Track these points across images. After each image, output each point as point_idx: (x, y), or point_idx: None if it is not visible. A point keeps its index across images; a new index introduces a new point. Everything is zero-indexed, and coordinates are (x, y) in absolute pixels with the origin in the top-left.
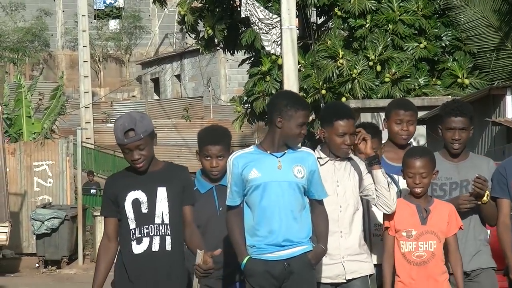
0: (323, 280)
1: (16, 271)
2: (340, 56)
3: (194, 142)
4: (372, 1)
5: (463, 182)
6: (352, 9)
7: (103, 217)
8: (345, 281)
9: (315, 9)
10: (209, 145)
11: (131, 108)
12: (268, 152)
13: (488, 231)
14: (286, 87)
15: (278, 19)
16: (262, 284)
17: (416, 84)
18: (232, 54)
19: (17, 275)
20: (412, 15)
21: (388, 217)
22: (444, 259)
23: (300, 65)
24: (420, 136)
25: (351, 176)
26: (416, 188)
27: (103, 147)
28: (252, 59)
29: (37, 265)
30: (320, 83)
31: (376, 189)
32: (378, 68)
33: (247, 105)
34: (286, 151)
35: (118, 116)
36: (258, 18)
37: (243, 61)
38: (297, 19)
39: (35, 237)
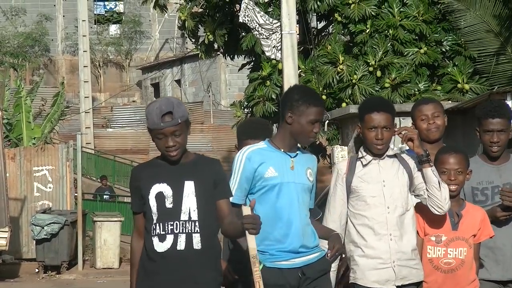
0: (371, 285)
1: (15, 277)
2: (340, 61)
3: (195, 146)
4: (372, 7)
5: (505, 186)
6: (352, 15)
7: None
8: (394, 287)
9: (315, 15)
10: (249, 139)
11: (131, 113)
12: (282, 150)
13: None
14: None
15: (278, 24)
16: None
17: (416, 90)
18: (232, 59)
19: (16, 281)
20: (413, 21)
21: (418, 218)
22: (473, 267)
23: (300, 70)
24: None
25: (399, 175)
26: (450, 186)
27: (103, 152)
28: (252, 64)
29: (36, 270)
30: (320, 88)
31: (427, 189)
32: (378, 73)
33: (247, 110)
34: (297, 151)
35: (118, 121)
36: (258, 23)
37: (243, 66)
38: (297, 24)
39: (34, 242)
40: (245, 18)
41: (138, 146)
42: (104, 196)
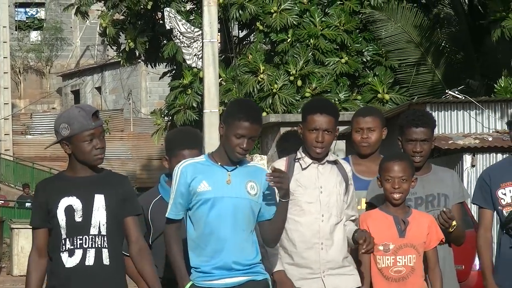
0: None
1: None
2: (261, 70)
3: (114, 155)
4: (294, 16)
5: (428, 197)
6: (274, 24)
7: (32, 229)
8: None
9: (237, 23)
10: (186, 150)
11: (51, 120)
12: (219, 164)
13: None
14: (207, 100)
15: (200, 32)
16: None
17: (336, 99)
18: (153, 66)
19: None
20: (334, 30)
21: (364, 228)
22: (424, 275)
23: (221, 79)
24: (339, 151)
25: (337, 183)
26: (395, 194)
27: (22, 159)
28: (174, 72)
29: None
30: (241, 97)
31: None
32: (299, 83)
33: (167, 118)
34: (237, 165)
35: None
36: (179, 32)
37: (164, 74)
38: (219, 32)
39: None
40: (170, 25)
41: (57, 153)
42: (26, 204)
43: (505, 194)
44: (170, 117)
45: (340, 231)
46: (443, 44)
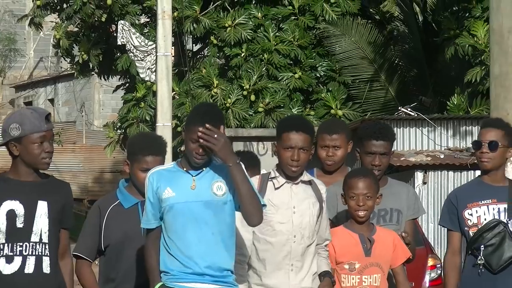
0: None
1: None
2: (215, 85)
3: (66, 167)
4: (248, 30)
5: (380, 212)
6: (228, 38)
7: None
8: None
9: (191, 37)
10: (150, 156)
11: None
12: (184, 169)
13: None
14: (160, 114)
15: (154, 46)
16: None
17: (289, 114)
18: (106, 79)
19: None
20: (288, 45)
21: (329, 247)
22: None
23: (174, 92)
24: None
25: (310, 204)
26: (359, 211)
27: None
28: (127, 85)
29: None
30: None
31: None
32: (252, 97)
33: (120, 131)
34: (205, 168)
35: None
36: (133, 45)
37: (118, 87)
38: (173, 46)
39: None
40: (122, 39)
41: (8, 164)
42: None
43: (471, 215)
44: (123, 130)
45: (311, 253)
46: (396, 61)
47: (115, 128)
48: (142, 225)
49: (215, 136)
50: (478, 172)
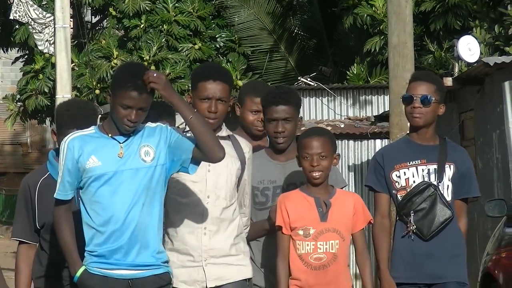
0: (178, 285)
1: None
2: (115, 56)
3: None
4: (147, 2)
5: (289, 186)
6: (127, 9)
7: None
8: None
9: (90, 8)
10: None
11: None
12: (110, 135)
13: None
14: (59, 86)
15: (52, 18)
16: None
17: (190, 85)
18: (5, 51)
19: None
20: (187, 16)
21: (281, 212)
22: (348, 263)
23: (73, 64)
24: None
25: (229, 161)
26: (313, 172)
27: None
28: (26, 57)
29: None
30: (94, 82)
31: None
32: (153, 68)
33: (20, 103)
34: (132, 133)
35: None
36: (31, 18)
37: (17, 58)
38: (72, 18)
39: None
40: (17, 14)
41: None
42: None
43: (399, 177)
44: (22, 102)
45: (229, 216)
46: (296, 31)
47: (15, 101)
48: (58, 196)
49: (154, 74)
50: (378, 142)
